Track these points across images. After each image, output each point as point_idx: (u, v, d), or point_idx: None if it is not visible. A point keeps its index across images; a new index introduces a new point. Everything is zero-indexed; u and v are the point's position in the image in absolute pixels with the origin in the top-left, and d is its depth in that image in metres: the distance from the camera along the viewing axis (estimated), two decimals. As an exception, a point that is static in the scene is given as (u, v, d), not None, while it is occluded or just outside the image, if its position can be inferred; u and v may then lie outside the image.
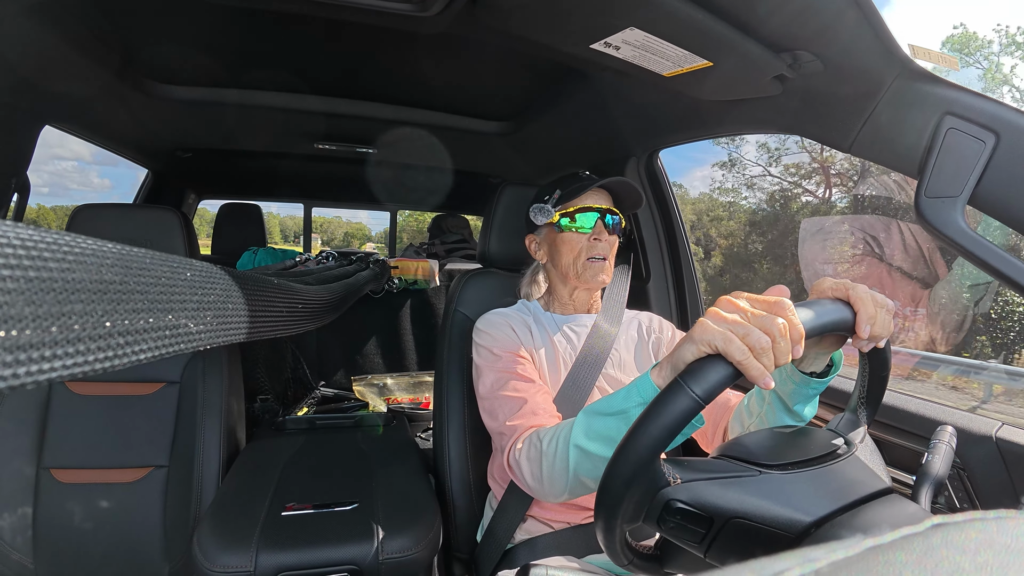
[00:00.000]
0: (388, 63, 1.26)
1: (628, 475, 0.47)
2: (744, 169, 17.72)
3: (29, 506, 1.16)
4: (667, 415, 0.46)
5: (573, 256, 1.00)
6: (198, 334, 0.42)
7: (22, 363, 0.25)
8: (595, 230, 0.99)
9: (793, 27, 0.73)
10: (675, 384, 0.47)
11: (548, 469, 0.74)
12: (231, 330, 0.49)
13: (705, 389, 0.46)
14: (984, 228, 0.73)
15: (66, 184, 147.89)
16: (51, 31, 0.98)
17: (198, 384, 1.27)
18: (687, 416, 0.46)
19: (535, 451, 0.77)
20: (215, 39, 1.16)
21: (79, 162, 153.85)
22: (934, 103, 0.71)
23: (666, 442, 0.47)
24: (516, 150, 1.87)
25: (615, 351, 1.02)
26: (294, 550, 0.90)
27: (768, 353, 0.47)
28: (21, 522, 1.16)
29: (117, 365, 0.31)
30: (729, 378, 0.47)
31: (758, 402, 0.76)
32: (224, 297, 0.48)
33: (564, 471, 0.71)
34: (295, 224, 6.26)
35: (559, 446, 0.72)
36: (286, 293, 0.78)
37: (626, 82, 1.12)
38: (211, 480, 1.22)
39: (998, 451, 0.76)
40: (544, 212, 1.01)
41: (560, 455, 0.71)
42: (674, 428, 0.46)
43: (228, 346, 1.36)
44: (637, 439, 0.47)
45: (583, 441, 0.68)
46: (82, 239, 0.30)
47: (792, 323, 0.48)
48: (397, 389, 2.28)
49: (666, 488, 0.48)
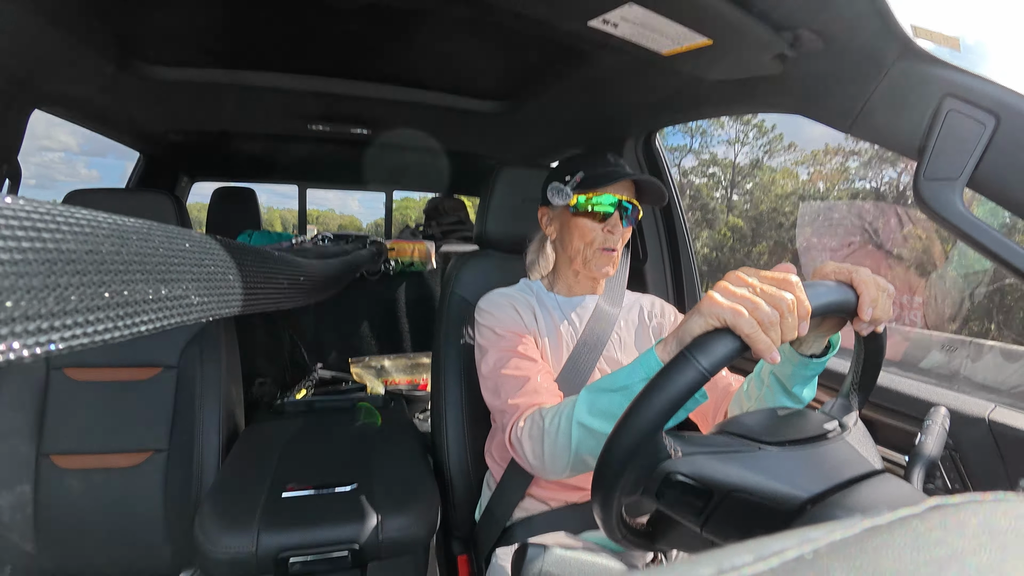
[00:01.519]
0: (383, 42, 1.23)
1: (631, 446, 0.47)
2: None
3: (29, 492, 1.17)
4: (672, 387, 0.46)
5: (584, 243, 0.96)
6: (199, 305, 0.41)
7: (18, 335, 0.24)
8: (611, 221, 0.95)
9: (794, 4, 0.72)
10: (681, 356, 0.47)
11: (550, 447, 0.74)
12: (232, 301, 0.49)
13: (711, 361, 0.46)
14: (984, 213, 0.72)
15: (53, 176, 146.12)
16: (40, 13, 0.95)
17: (196, 368, 1.27)
18: (692, 388, 0.46)
19: (537, 429, 0.77)
20: (206, 20, 1.13)
21: (66, 153, 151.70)
22: (935, 85, 0.70)
23: (670, 414, 0.47)
24: (513, 130, 1.85)
25: (616, 334, 1.02)
26: (295, 530, 0.92)
27: (776, 327, 0.48)
28: (22, 508, 1.16)
29: (117, 337, 0.31)
30: (735, 352, 0.48)
31: (757, 385, 0.76)
32: (224, 268, 0.47)
33: (566, 448, 0.71)
34: (294, 217, 6.14)
35: (561, 423, 0.72)
36: (287, 265, 0.78)
37: (624, 61, 1.10)
38: (211, 463, 1.23)
39: (991, 433, 0.77)
40: (562, 194, 0.95)
41: (562, 432, 0.71)
42: (679, 400, 0.46)
43: (225, 330, 1.35)
44: (641, 410, 0.47)
45: (586, 418, 0.68)
46: (76, 210, 0.29)
47: (800, 299, 0.49)
48: (395, 371, 2.29)
49: (667, 461, 0.48)
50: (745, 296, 0.49)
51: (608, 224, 0.95)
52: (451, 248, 2.47)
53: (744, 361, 1.22)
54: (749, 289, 0.50)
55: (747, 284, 0.51)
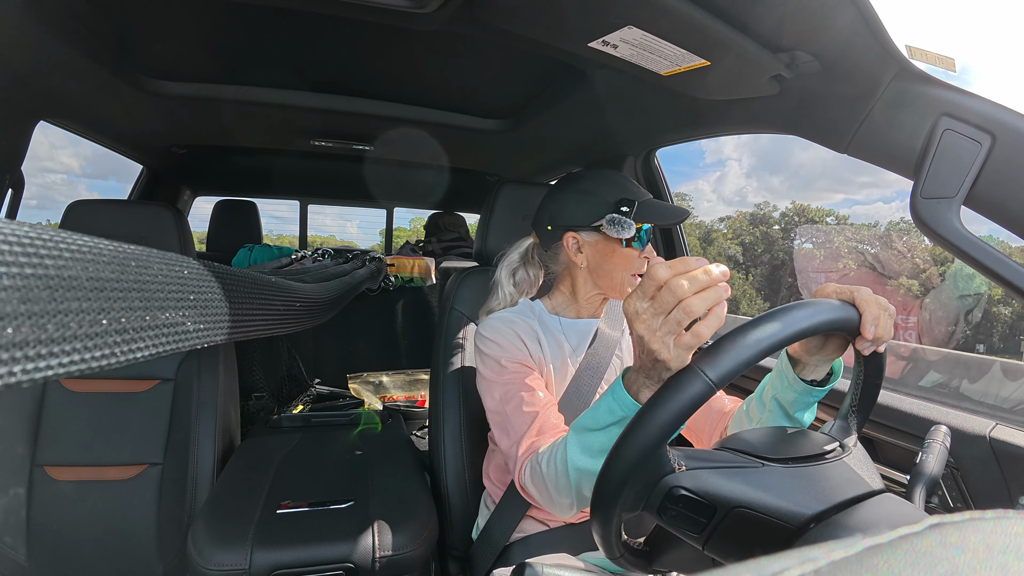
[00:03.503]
0: (385, 60, 1.25)
1: (634, 459, 0.46)
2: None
3: (23, 503, 1.16)
4: (678, 399, 0.46)
5: (627, 272, 0.93)
6: (195, 333, 0.41)
7: (18, 361, 0.24)
8: (647, 249, 0.94)
9: (791, 27, 0.74)
10: (688, 369, 0.47)
11: (553, 490, 0.74)
12: (228, 329, 0.49)
13: (719, 373, 0.46)
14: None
15: (55, 196, 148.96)
16: (46, 26, 0.97)
17: (193, 381, 1.27)
18: (699, 401, 0.46)
19: (537, 476, 0.77)
20: (211, 34, 1.15)
21: (68, 174, 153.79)
22: (930, 104, 0.71)
23: (675, 427, 0.46)
24: (513, 148, 1.87)
25: (617, 357, 1.01)
26: (289, 548, 0.90)
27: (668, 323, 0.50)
28: (15, 519, 1.15)
29: (114, 363, 0.31)
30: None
31: (758, 407, 0.76)
32: (221, 295, 0.48)
33: (568, 490, 0.71)
34: (294, 241, 6.00)
35: (558, 467, 0.72)
36: (283, 292, 0.78)
37: (624, 81, 1.12)
38: (206, 478, 1.22)
39: (992, 451, 0.76)
40: (626, 226, 0.90)
41: (561, 476, 0.71)
42: (685, 412, 0.46)
43: (224, 344, 1.35)
44: (645, 423, 0.46)
45: (580, 461, 0.68)
46: (77, 236, 0.30)
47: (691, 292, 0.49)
48: (393, 387, 2.28)
49: (670, 475, 0.48)
50: (646, 307, 0.52)
51: (645, 252, 0.93)
52: (451, 264, 2.48)
53: (744, 379, 1.22)
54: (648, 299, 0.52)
55: (647, 295, 0.52)
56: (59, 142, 27.63)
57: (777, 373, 0.71)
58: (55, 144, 38.50)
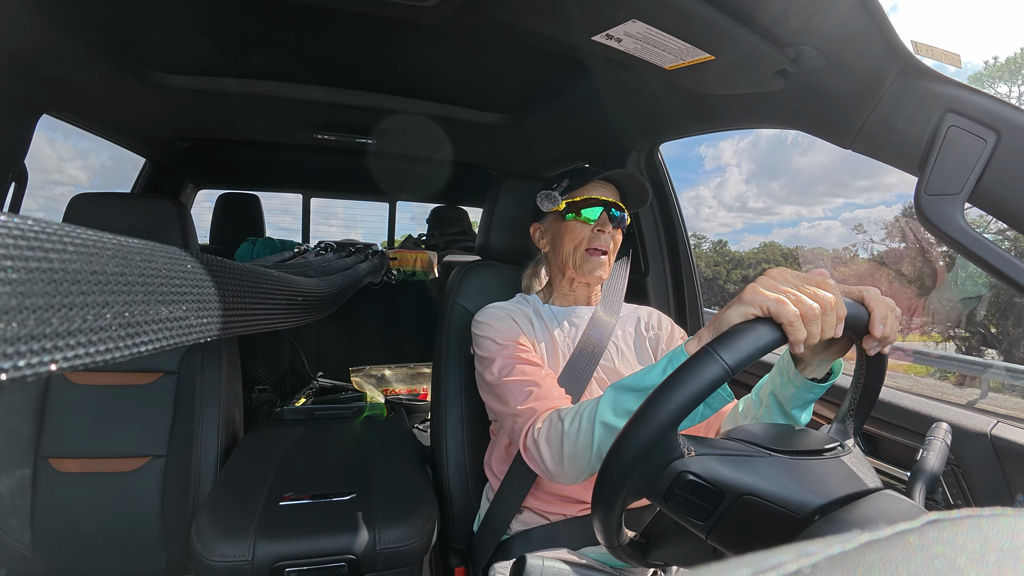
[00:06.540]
0: (388, 53, 1.25)
1: (645, 440, 0.46)
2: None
3: (28, 496, 1.17)
4: (692, 382, 0.46)
5: (574, 245, 1.00)
6: (199, 327, 0.41)
7: (23, 355, 0.25)
8: (599, 221, 1.00)
9: (796, 21, 0.73)
10: (704, 351, 0.47)
11: (570, 449, 0.72)
12: (232, 323, 0.49)
13: (737, 358, 0.46)
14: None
15: (60, 209, 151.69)
16: (48, 18, 0.97)
17: (196, 374, 1.27)
18: (713, 384, 0.46)
19: (556, 432, 0.75)
20: (215, 27, 1.15)
21: (76, 186, 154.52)
22: (936, 100, 0.71)
23: (688, 409, 0.46)
24: (516, 142, 1.86)
25: (613, 343, 1.02)
26: (292, 539, 0.91)
27: (817, 322, 0.50)
28: (20, 511, 1.16)
29: (118, 357, 0.31)
30: (769, 344, 0.48)
31: (755, 404, 0.77)
32: (225, 290, 0.48)
33: (587, 449, 0.69)
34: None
35: (583, 424, 0.70)
36: (286, 286, 0.78)
37: (627, 75, 1.11)
38: (209, 470, 1.23)
39: (993, 448, 0.76)
40: (551, 199, 1.02)
41: (584, 433, 0.70)
42: (699, 395, 0.46)
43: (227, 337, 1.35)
44: (659, 404, 0.46)
45: (610, 417, 0.67)
46: (81, 230, 0.30)
47: (839, 301, 0.51)
48: (395, 380, 2.28)
49: (679, 459, 0.48)
50: (789, 289, 0.51)
51: (597, 224, 0.99)
52: (454, 258, 2.48)
53: (746, 375, 1.22)
54: (791, 285, 0.52)
55: (789, 280, 0.53)
56: (67, 155, 27.41)
57: (778, 369, 0.71)
58: (63, 157, 38.18)
